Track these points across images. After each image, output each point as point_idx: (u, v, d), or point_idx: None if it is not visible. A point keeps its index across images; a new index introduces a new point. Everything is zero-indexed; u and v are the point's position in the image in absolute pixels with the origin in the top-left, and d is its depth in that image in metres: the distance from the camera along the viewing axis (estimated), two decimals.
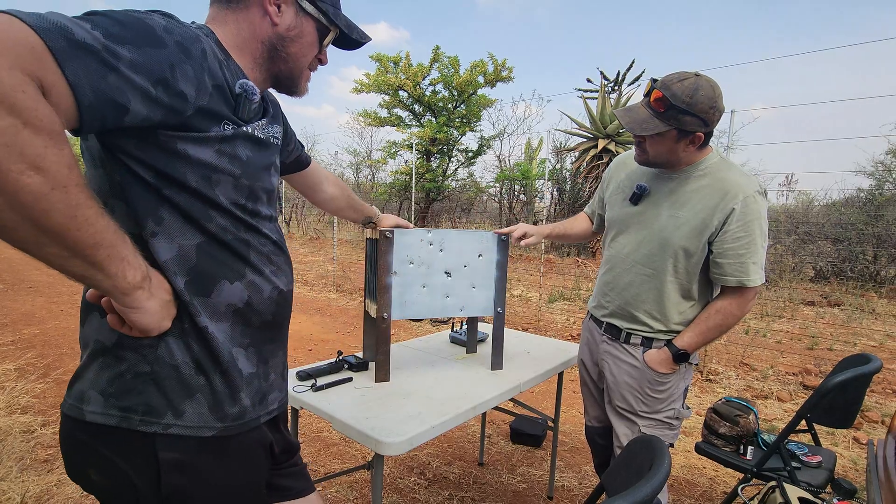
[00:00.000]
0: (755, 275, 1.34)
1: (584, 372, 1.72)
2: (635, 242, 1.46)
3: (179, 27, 0.66)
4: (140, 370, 0.70)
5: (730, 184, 1.32)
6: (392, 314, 1.45)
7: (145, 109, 0.61)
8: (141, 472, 0.70)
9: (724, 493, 2.28)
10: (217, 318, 0.75)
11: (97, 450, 0.71)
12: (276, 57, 0.84)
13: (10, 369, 3.35)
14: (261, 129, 0.80)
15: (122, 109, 0.58)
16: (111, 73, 0.56)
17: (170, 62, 0.62)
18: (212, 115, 0.70)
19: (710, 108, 1.24)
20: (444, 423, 1.25)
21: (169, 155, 0.67)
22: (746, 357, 4.30)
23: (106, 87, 0.56)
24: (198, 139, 0.69)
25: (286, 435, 0.97)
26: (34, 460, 2.23)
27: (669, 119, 1.25)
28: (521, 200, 13.50)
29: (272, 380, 0.87)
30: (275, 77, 0.87)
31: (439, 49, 10.93)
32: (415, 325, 5.20)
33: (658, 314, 1.43)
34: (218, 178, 0.72)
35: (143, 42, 0.60)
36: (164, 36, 0.62)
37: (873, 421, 3.15)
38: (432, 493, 2.17)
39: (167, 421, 0.71)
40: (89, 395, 0.71)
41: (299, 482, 0.99)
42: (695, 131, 1.27)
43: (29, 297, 5.59)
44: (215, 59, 0.71)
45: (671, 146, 1.31)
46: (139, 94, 0.59)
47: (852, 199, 8.41)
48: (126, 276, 0.62)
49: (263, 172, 0.82)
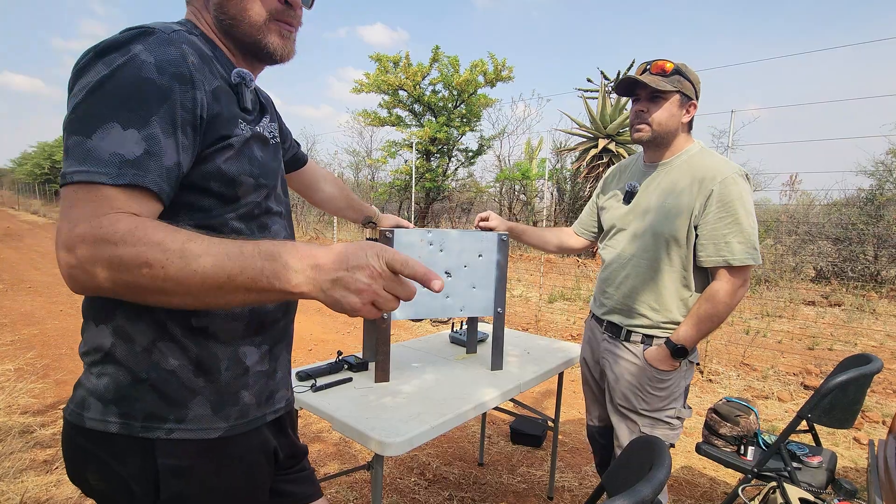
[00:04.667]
0: (741, 253, 1.32)
1: (585, 370, 1.72)
2: (630, 237, 1.49)
3: (165, 54, 0.64)
4: (138, 377, 0.69)
5: (708, 168, 1.37)
6: (392, 314, 1.44)
7: (188, 157, 0.66)
8: (140, 478, 0.70)
9: (724, 493, 2.27)
10: (229, 316, 0.75)
11: (97, 455, 0.70)
12: (224, 26, 0.77)
13: (10, 369, 3.35)
14: (265, 127, 0.80)
15: (180, 177, 0.66)
16: (163, 158, 0.62)
17: (180, 102, 0.64)
18: (225, 119, 0.70)
19: (696, 80, 1.42)
20: (444, 424, 1.24)
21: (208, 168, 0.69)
22: (747, 357, 4.30)
23: (167, 173, 0.63)
24: (224, 147, 0.70)
25: (293, 439, 0.95)
26: (33, 461, 2.23)
27: (675, 82, 1.38)
28: (520, 200, 13.50)
29: (279, 378, 0.86)
30: (242, 48, 0.79)
31: (439, 49, 10.93)
32: (415, 325, 5.20)
33: (657, 304, 1.44)
34: (241, 181, 0.73)
35: (159, 101, 0.62)
36: (161, 80, 0.63)
37: (874, 421, 3.15)
38: (432, 493, 2.17)
39: (169, 426, 0.70)
40: (89, 402, 0.70)
41: (306, 487, 0.97)
42: (691, 98, 1.40)
43: (28, 297, 5.59)
44: (207, 60, 0.71)
45: (673, 111, 1.40)
46: (184, 154, 0.65)
47: (853, 199, 8.39)
48: (291, 281, 0.58)
49: (276, 171, 0.82)
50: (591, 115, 11.25)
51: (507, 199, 13.66)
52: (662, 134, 1.42)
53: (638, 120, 1.43)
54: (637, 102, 1.44)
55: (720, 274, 1.36)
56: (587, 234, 1.80)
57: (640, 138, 1.45)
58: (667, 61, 1.38)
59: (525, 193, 13.25)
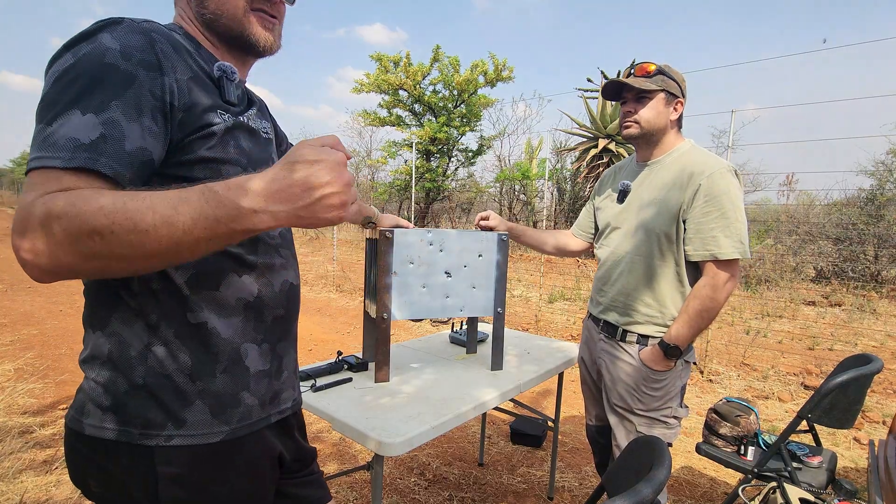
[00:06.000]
0: (728, 247, 1.32)
1: (584, 370, 1.72)
2: (624, 235, 1.52)
3: (131, 41, 0.63)
4: (134, 383, 0.69)
5: (697, 164, 1.40)
6: (392, 314, 1.44)
7: (160, 146, 0.65)
8: (139, 485, 0.69)
9: (724, 493, 2.27)
10: (227, 313, 0.74)
11: (97, 462, 0.70)
12: (205, 20, 0.76)
13: (10, 369, 3.35)
14: (252, 119, 0.79)
15: (150, 163, 0.64)
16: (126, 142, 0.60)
17: (148, 89, 0.62)
18: (204, 108, 0.69)
19: (681, 79, 1.47)
20: (444, 424, 1.24)
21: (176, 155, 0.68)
22: (747, 357, 4.30)
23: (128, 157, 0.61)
24: (206, 135, 0.69)
25: (300, 442, 0.93)
26: (32, 461, 2.22)
27: (658, 81, 1.43)
28: (520, 200, 13.50)
29: (285, 378, 0.85)
30: (227, 42, 0.78)
31: (440, 49, 10.93)
32: (415, 325, 5.20)
33: (652, 300, 1.45)
34: (228, 170, 0.71)
35: (120, 89, 0.61)
36: (126, 66, 0.62)
37: (874, 421, 3.14)
38: (432, 493, 2.17)
39: (168, 432, 0.69)
40: (88, 408, 0.70)
41: (314, 491, 0.96)
42: (677, 96, 1.44)
43: (28, 297, 5.59)
44: (182, 51, 0.70)
45: (660, 108, 1.44)
46: (152, 140, 0.63)
47: (853, 199, 8.39)
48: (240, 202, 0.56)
49: (266, 164, 0.80)
50: (592, 115, 11.25)
51: (507, 199, 13.67)
52: (651, 130, 1.46)
53: (626, 119, 1.49)
54: (625, 104, 1.49)
55: (707, 268, 1.37)
56: (585, 235, 1.81)
57: (629, 134, 1.49)
58: (650, 64, 1.44)
59: (525, 193, 13.25)
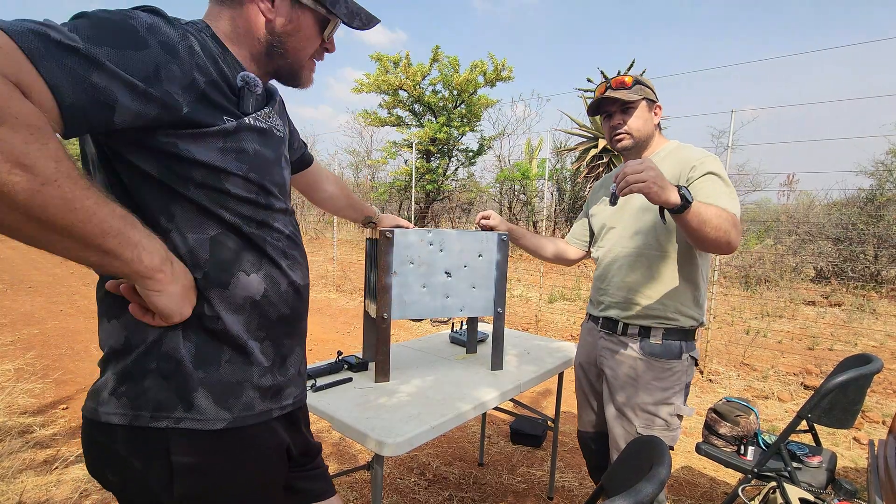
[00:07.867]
0: (730, 205, 1.27)
1: (580, 374, 1.72)
2: (619, 233, 1.54)
3: (166, 25, 0.65)
4: (147, 367, 0.71)
5: (687, 157, 1.43)
6: (392, 314, 1.44)
7: (136, 104, 0.60)
8: (154, 473, 0.71)
9: (724, 493, 2.27)
10: (235, 311, 0.76)
11: (113, 450, 0.72)
12: (274, 53, 0.82)
13: (10, 369, 3.35)
14: (263, 119, 0.79)
15: (107, 108, 0.57)
16: (92, 71, 0.55)
17: (154, 63, 0.62)
18: (209, 111, 0.69)
19: (653, 85, 1.53)
20: (444, 424, 1.24)
21: (172, 158, 0.68)
22: (747, 357, 4.30)
23: (87, 84, 0.55)
24: (199, 135, 0.68)
25: (307, 437, 0.96)
26: (32, 461, 2.22)
27: (637, 91, 1.48)
28: (520, 200, 13.51)
29: (290, 375, 0.87)
30: (275, 71, 0.86)
31: (439, 49, 10.93)
32: (415, 325, 5.20)
33: (652, 293, 1.46)
34: (227, 177, 0.73)
35: (124, 44, 0.59)
36: (148, 37, 0.62)
37: (874, 421, 3.15)
38: (432, 493, 2.17)
39: (178, 415, 0.71)
40: (104, 397, 0.72)
41: (320, 485, 0.99)
42: (655, 101, 1.51)
43: (28, 297, 5.59)
44: (209, 54, 0.71)
45: (645, 116, 1.49)
46: (126, 90, 0.58)
47: (853, 199, 8.39)
48: (143, 260, 0.63)
49: (274, 166, 0.81)
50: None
51: (507, 199, 13.67)
52: (642, 138, 1.50)
53: (617, 132, 1.51)
54: (610, 118, 1.51)
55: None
56: (580, 243, 1.80)
57: (624, 147, 1.51)
58: (625, 76, 1.50)
59: (525, 193, 13.25)
